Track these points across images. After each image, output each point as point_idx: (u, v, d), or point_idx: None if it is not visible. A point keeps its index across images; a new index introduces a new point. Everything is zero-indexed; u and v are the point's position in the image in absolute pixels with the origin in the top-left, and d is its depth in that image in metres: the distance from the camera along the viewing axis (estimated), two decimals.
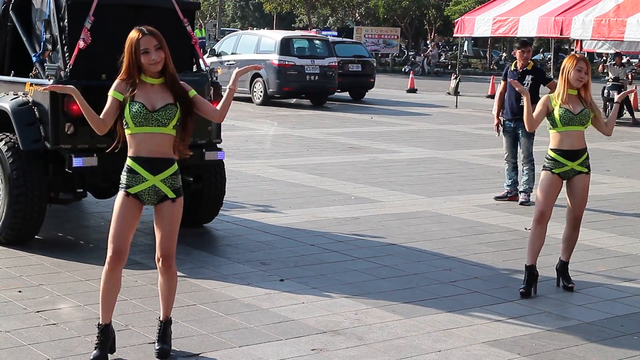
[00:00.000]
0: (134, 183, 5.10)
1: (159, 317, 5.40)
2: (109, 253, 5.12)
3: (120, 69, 5.11)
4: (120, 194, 5.14)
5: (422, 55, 48.54)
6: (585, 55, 44.90)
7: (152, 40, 5.04)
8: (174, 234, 5.24)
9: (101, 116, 5.10)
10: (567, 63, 6.90)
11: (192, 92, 5.23)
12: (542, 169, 7.02)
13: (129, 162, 5.12)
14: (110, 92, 5.10)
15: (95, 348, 5.15)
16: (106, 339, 5.19)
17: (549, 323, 6.24)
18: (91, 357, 5.12)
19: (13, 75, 8.21)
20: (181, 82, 5.21)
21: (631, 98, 23.45)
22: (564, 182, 7.01)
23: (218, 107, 5.37)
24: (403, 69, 44.97)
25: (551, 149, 6.95)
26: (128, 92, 5.05)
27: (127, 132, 5.10)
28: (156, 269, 5.35)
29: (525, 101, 6.99)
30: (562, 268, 7.15)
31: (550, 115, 6.90)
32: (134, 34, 5.06)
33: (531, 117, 6.99)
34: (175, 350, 5.39)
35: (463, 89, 28.49)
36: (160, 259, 5.24)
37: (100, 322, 5.20)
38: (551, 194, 6.94)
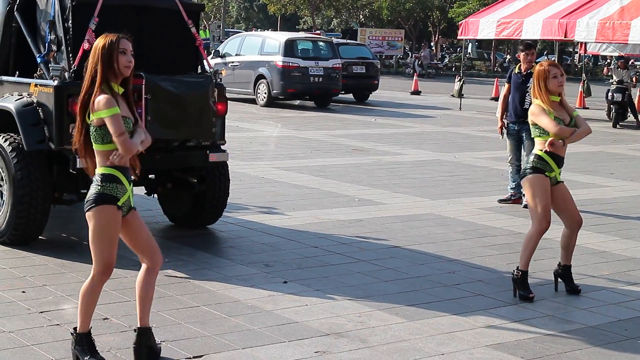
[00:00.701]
0: (120, 194, 4.96)
1: (135, 329, 5.21)
2: (100, 270, 4.98)
3: (85, 78, 4.97)
4: (110, 208, 4.91)
5: (413, 57, 48.38)
6: (591, 57, 44.66)
7: (129, 44, 5.00)
8: (152, 237, 5.21)
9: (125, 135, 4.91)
10: (539, 74, 6.72)
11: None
12: (532, 172, 6.78)
13: (111, 171, 4.92)
14: (113, 111, 4.84)
15: (90, 356, 5.04)
16: (93, 344, 5.10)
17: (553, 326, 6.23)
18: None
19: (18, 76, 8.21)
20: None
21: (635, 100, 23.42)
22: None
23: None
24: (406, 71, 45.00)
25: (543, 151, 6.80)
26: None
27: (106, 147, 4.89)
28: (163, 269, 5.32)
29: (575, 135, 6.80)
30: (567, 272, 7.11)
31: (539, 125, 6.78)
32: (109, 37, 4.95)
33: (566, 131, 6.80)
34: (178, 351, 5.39)
35: (467, 91, 28.48)
36: (156, 266, 5.15)
37: (82, 331, 5.08)
38: (549, 199, 6.80)
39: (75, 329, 5.13)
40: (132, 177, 5.07)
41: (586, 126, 6.86)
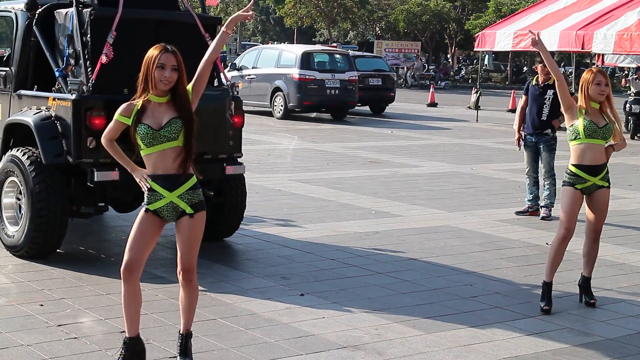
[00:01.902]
0: (152, 200, 5.14)
1: (179, 330, 5.40)
2: (123, 265, 5.14)
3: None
4: (141, 211, 5.20)
5: (405, 67, 48.26)
6: (608, 70, 44.53)
7: (172, 59, 5.06)
8: (194, 248, 5.23)
9: (109, 136, 5.22)
10: (585, 78, 6.84)
11: (189, 91, 5.19)
12: (563, 185, 6.97)
13: (149, 181, 5.16)
14: (116, 116, 5.13)
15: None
16: (130, 353, 5.20)
17: (571, 339, 6.20)
18: None
19: (36, 90, 8.27)
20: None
21: None
22: (585, 195, 6.96)
23: (208, 51, 5.32)
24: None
25: (573, 165, 6.89)
26: (134, 115, 5.06)
27: (141, 153, 5.15)
28: (177, 282, 5.36)
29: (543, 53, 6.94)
30: (585, 284, 7.10)
31: (572, 125, 6.83)
32: (155, 50, 5.08)
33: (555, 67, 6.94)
34: None
35: (483, 103, 28.43)
36: (181, 273, 5.24)
37: (127, 335, 5.23)
38: (575, 210, 6.89)
39: (123, 332, 5.33)
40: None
41: (621, 143, 7.11)
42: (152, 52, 5.08)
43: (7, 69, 8.56)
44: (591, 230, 7.03)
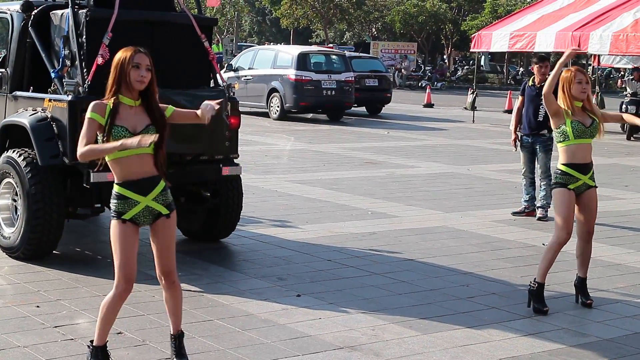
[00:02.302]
0: (127, 208, 5.03)
1: (170, 332, 5.38)
2: (120, 283, 5.04)
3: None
4: (115, 222, 5.05)
5: (393, 67, 48.23)
6: (604, 71, 44.44)
7: (146, 59, 5.03)
8: (172, 248, 5.22)
9: (85, 142, 4.96)
10: (565, 77, 6.81)
11: (170, 109, 5.16)
12: (555, 186, 6.91)
13: (116, 189, 5.05)
14: (89, 115, 4.98)
15: None
16: (107, 357, 5.16)
17: (567, 340, 6.21)
18: None
19: (32, 91, 8.26)
20: (162, 106, 5.18)
21: None
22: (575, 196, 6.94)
23: (199, 110, 5.17)
24: (419, 84, 45.00)
25: (563, 164, 6.86)
26: (108, 116, 4.98)
27: (109, 157, 5.00)
28: None
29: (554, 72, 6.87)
30: (581, 284, 7.10)
31: (560, 128, 6.82)
32: (128, 51, 5.02)
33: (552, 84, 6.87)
34: None
35: (480, 104, 28.45)
36: (162, 276, 5.21)
37: (98, 344, 5.13)
38: (572, 213, 6.86)
39: (91, 341, 5.16)
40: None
41: (617, 115, 7.28)
42: (124, 53, 5.03)
43: (3, 70, 8.56)
44: (584, 232, 7.01)
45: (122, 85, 5.01)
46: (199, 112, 5.15)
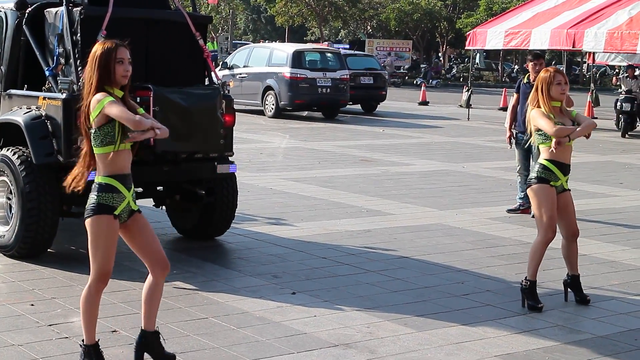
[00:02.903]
0: (117, 202, 5.02)
1: (142, 327, 5.29)
2: (98, 278, 5.01)
3: (83, 86, 5.03)
4: (105, 217, 4.98)
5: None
6: (600, 69, 44.48)
7: (127, 53, 5.03)
8: (158, 241, 5.23)
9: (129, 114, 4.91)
10: (543, 77, 6.76)
11: (140, 111, 5.11)
12: (537, 182, 6.79)
13: (108, 180, 4.99)
14: (109, 98, 4.90)
15: None
16: (101, 355, 5.15)
17: (562, 336, 6.21)
18: None
19: (26, 90, 8.25)
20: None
21: None
22: None
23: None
24: (415, 82, 45.00)
25: (547, 160, 6.81)
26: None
27: (105, 150, 4.96)
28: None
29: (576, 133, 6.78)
30: (575, 282, 7.09)
31: (540, 130, 6.79)
32: (107, 44, 4.99)
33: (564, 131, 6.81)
34: None
35: (475, 102, 28.47)
36: (160, 267, 5.18)
37: (88, 343, 5.12)
38: (554, 209, 6.81)
39: (83, 341, 5.16)
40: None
41: (589, 120, 6.98)
42: (104, 46, 4.98)
43: None
44: (571, 234, 6.96)
45: (106, 81, 4.97)
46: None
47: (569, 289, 7.11)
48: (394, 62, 48.58)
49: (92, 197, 5.02)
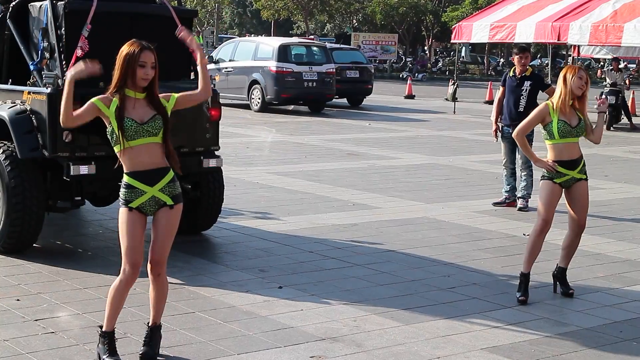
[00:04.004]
0: (133, 197, 5.16)
1: (148, 323, 5.41)
2: (127, 269, 5.15)
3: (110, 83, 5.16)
4: (123, 210, 5.19)
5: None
6: (584, 62, 44.67)
7: (152, 57, 5.13)
8: (168, 240, 5.28)
9: (75, 113, 5.10)
10: (568, 72, 6.83)
11: (174, 97, 5.30)
12: (542, 178, 6.97)
13: (126, 178, 5.17)
14: (94, 100, 5.12)
15: (109, 355, 5.20)
16: (114, 344, 5.25)
17: (548, 329, 6.24)
18: None
19: (10, 84, 8.20)
20: (163, 96, 5.29)
21: (629, 103, 23.47)
22: (564, 189, 6.99)
23: (199, 85, 5.36)
24: (401, 75, 45.02)
25: (552, 160, 6.91)
26: (114, 110, 5.08)
27: (118, 148, 5.13)
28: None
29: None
30: (561, 274, 7.14)
31: (547, 127, 6.85)
32: (134, 46, 5.09)
33: (527, 126, 6.99)
34: (174, 358, 5.39)
35: (461, 95, 28.51)
36: (151, 265, 5.28)
37: (106, 330, 5.24)
38: (553, 203, 6.92)
39: (100, 326, 5.28)
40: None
41: (593, 137, 7.09)
42: (131, 48, 5.10)
43: None
44: (577, 225, 7.02)
45: (128, 81, 5.10)
46: (198, 64, 5.38)
47: (558, 283, 7.15)
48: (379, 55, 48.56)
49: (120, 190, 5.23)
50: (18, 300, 6.49)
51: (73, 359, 5.32)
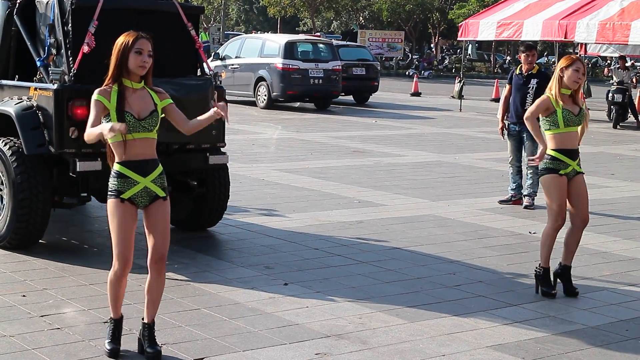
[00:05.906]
0: (126, 187, 5.15)
1: (143, 319, 5.40)
2: (117, 263, 5.19)
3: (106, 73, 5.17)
4: (113, 201, 5.15)
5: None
6: (591, 60, 44.51)
7: (148, 45, 5.15)
8: (167, 233, 5.31)
9: (91, 125, 5.05)
10: (563, 63, 6.88)
11: (167, 102, 5.30)
12: (546, 172, 6.92)
13: (117, 167, 5.16)
14: (95, 97, 5.10)
15: (110, 341, 5.30)
16: (119, 331, 5.35)
17: (554, 327, 6.23)
18: (108, 348, 5.29)
19: (17, 80, 8.22)
20: (158, 90, 5.31)
21: (636, 101, 23.42)
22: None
23: (190, 122, 5.35)
24: (407, 73, 44.97)
25: (554, 150, 6.90)
26: (114, 100, 5.08)
27: (112, 139, 5.09)
28: None
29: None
30: (566, 273, 7.11)
31: (550, 116, 6.87)
32: (129, 36, 5.13)
33: (535, 111, 7.00)
34: (179, 354, 5.40)
35: (467, 93, 28.48)
36: (154, 262, 5.27)
37: (112, 317, 5.36)
38: (564, 197, 6.92)
39: (106, 321, 5.47)
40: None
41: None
42: (126, 38, 5.13)
43: None
44: (580, 220, 7.01)
45: (124, 71, 5.11)
46: (204, 116, 5.28)
47: (558, 279, 7.13)
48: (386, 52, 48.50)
49: (109, 182, 5.19)
50: (24, 296, 6.50)
51: (79, 355, 5.33)
